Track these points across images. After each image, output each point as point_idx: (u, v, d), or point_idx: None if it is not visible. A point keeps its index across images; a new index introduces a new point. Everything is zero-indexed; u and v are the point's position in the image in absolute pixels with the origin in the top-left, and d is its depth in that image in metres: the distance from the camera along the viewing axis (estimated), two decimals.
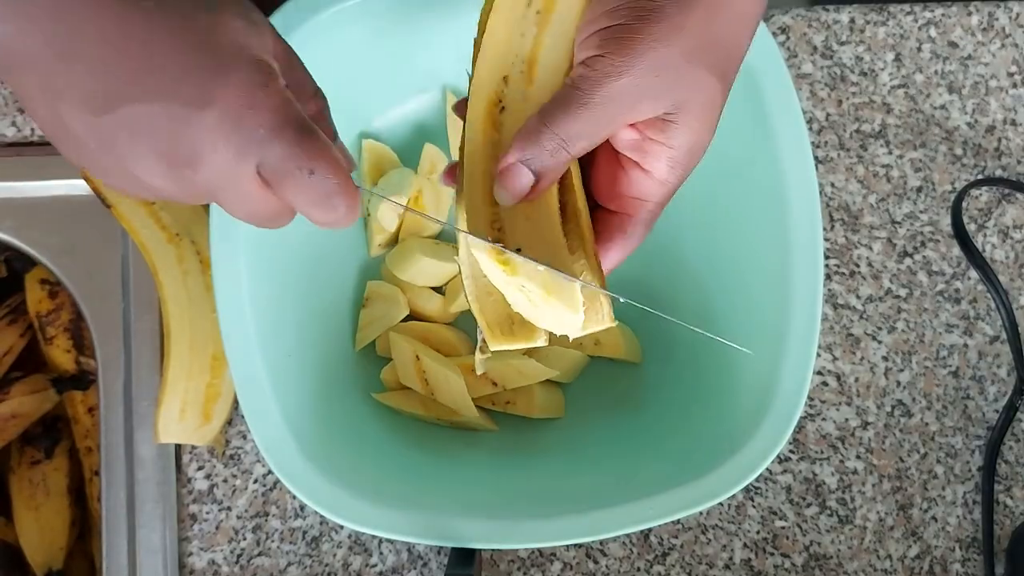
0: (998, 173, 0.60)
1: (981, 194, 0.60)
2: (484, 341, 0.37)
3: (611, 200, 0.37)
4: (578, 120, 0.33)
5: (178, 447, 0.55)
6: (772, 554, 0.56)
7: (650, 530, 0.56)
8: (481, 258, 0.35)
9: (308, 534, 0.55)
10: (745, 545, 0.56)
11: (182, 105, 0.29)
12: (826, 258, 0.58)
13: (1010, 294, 0.58)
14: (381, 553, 0.55)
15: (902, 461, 0.57)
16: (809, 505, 0.56)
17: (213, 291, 0.47)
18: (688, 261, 0.55)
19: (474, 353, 0.47)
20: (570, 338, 0.36)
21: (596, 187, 0.37)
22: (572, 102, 0.33)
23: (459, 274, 0.37)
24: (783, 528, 0.56)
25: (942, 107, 0.60)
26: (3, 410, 0.59)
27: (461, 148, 0.37)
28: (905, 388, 0.58)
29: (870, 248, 0.59)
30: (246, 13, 0.31)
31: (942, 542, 0.56)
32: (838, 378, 0.58)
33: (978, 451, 0.57)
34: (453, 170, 0.39)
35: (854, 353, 0.58)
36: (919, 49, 0.61)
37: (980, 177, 0.60)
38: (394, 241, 0.55)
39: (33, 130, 0.58)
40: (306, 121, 0.31)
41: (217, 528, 0.55)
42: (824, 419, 0.57)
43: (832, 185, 0.59)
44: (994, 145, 0.60)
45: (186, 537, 0.55)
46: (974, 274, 0.59)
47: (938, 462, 0.57)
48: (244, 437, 0.56)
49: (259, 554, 0.55)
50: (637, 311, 0.57)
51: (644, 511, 0.46)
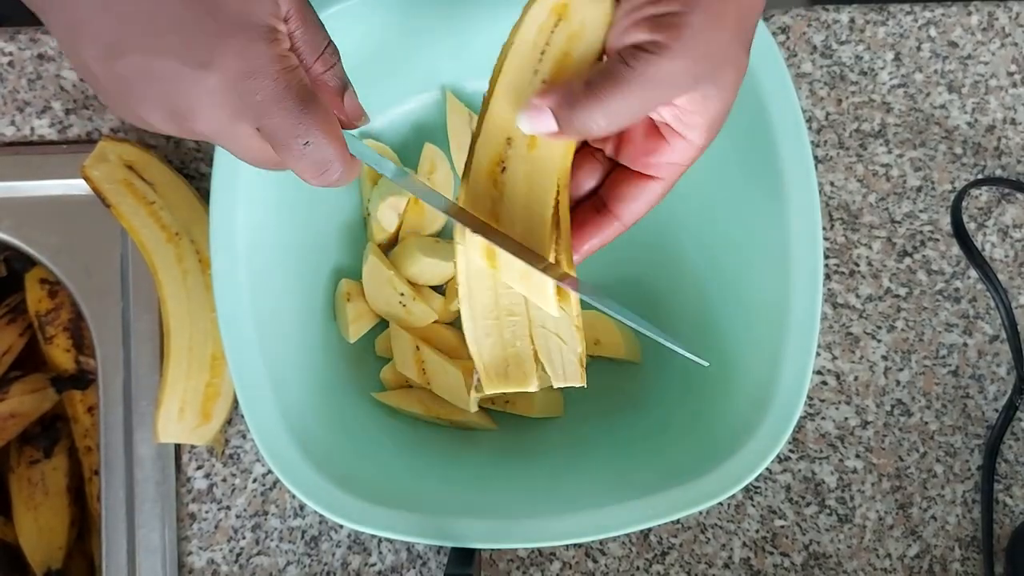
0: (998, 172, 0.60)
1: (981, 193, 0.60)
2: (479, 381, 0.38)
3: (643, 164, 0.38)
4: (625, 97, 0.34)
5: (177, 447, 0.55)
6: (771, 553, 0.56)
7: (649, 529, 0.56)
8: (472, 251, 0.37)
9: (307, 533, 0.55)
10: (744, 544, 0.56)
11: (185, 66, 0.31)
12: (826, 257, 0.58)
13: (1009, 293, 0.58)
14: (380, 552, 0.55)
15: (901, 460, 0.57)
16: (808, 504, 0.56)
17: (212, 290, 0.47)
18: (688, 260, 0.55)
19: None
20: (553, 384, 0.39)
21: (627, 152, 0.38)
22: (622, 78, 0.33)
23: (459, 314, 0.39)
24: (782, 527, 0.56)
25: (942, 106, 0.60)
26: (2, 409, 0.59)
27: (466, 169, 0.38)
28: (904, 387, 0.58)
29: (870, 247, 0.59)
30: None
31: (941, 541, 0.56)
32: (837, 377, 0.58)
33: (977, 450, 0.57)
34: None
35: (853, 352, 0.58)
36: (919, 48, 0.61)
37: (980, 176, 0.60)
38: (394, 241, 0.55)
39: (33, 129, 0.58)
40: (306, 90, 0.32)
41: (216, 527, 0.55)
42: (823, 418, 0.57)
43: (832, 184, 0.59)
44: (994, 144, 0.60)
45: (185, 536, 0.55)
46: (974, 273, 0.59)
47: (937, 461, 0.57)
48: (244, 436, 0.56)
49: (258, 553, 0.55)
50: (637, 309, 0.56)
51: (643, 511, 0.46)
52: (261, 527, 0.55)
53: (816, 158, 0.59)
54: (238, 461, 0.55)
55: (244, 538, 0.55)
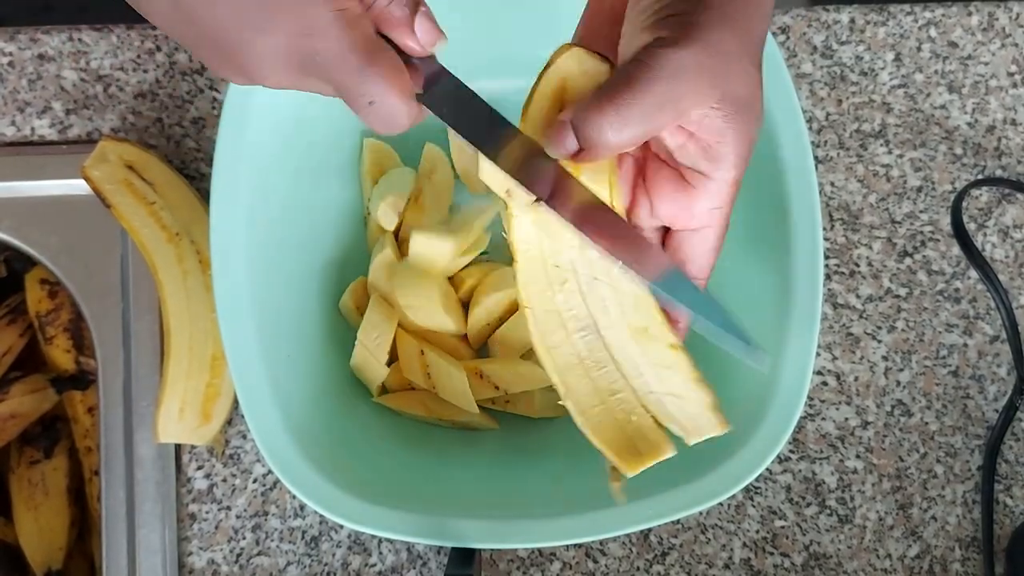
0: (998, 173, 0.60)
1: (981, 194, 0.60)
2: (614, 469, 0.37)
3: (685, 220, 0.37)
4: (640, 97, 0.32)
5: (178, 447, 0.55)
6: (772, 553, 0.56)
7: (650, 529, 0.56)
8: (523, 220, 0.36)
9: (307, 533, 0.55)
10: (745, 545, 0.56)
11: (246, 28, 0.31)
12: (826, 257, 0.58)
13: (1010, 293, 0.58)
14: (380, 553, 0.55)
15: (902, 460, 0.57)
16: (809, 505, 0.56)
17: (213, 291, 0.47)
18: None
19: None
20: (688, 442, 0.37)
21: (665, 211, 0.37)
22: (634, 77, 0.32)
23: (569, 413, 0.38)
24: (783, 528, 0.56)
25: (942, 107, 0.60)
26: (2, 410, 0.59)
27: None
28: (905, 387, 0.58)
29: (870, 247, 0.59)
30: None
31: (942, 541, 0.56)
32: (838, 377, 0.58)
33: (978, 450, 0.57)
34: None
35: (854, 352, 0.58)
36: (919, 49, 0.61)
37: (980, 177, 0.60)
38: (394, 240, 0.55)
39: (33, 130, 0.58)
40: (369, 45, 0.32)
41: (217, 528, 0.55)
42: (824, 418, 0.57)
43: (832, 184, 0.59)
44: (994, 145, 0.60)
45: (186, 537, 0.55)
46: (974, 274, 0.59)
47: (938, 461, 0.57)
48: (244, 437, 0.56)
49: (258, 553, 0.55)
50: None
51: (644, 511, 0.46)
52: (261, 527, 0.55)
53: (816, 158, 0.59)
54: (238, 461, 0.55)
55: (244, 538, 0.55)
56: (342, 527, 0.55)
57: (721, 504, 0.56)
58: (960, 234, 0.56)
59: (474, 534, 0.46)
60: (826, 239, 0.59)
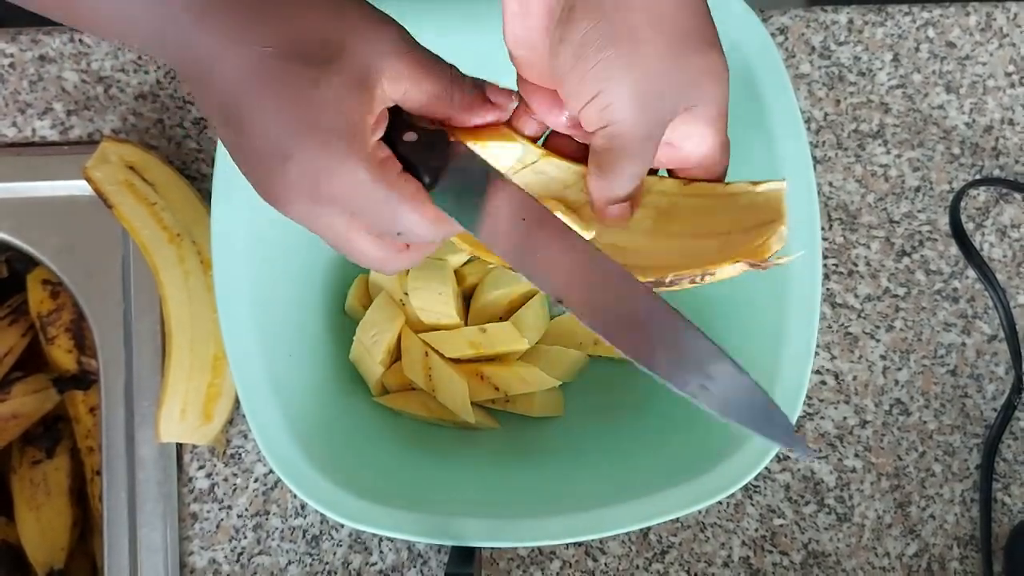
0: (996, 173, 0.60)
1: (979, 194, 0.60)
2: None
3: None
4: (625, 150, 0.34)
5: (179, 446, 0.55)
6: (771, 552, 0.56)
7: (649, 528, 0.56)
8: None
9: (308, 533, 0.55)
10: (744, 543, 0.56)
11: (267, 155, 0.32)
12: (824, 257, 0.59)
13: (1008, 293, 0.58)
14: (381, 552, 0.55)
15: (900, 459, 0.57)
16: (807, 503, 0.57)
17: (214, 291, 0.47)
18: None
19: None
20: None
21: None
22: (607, 158, 0.35)
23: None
24: (781, 526, 0.56)
25: (940, 107, 0.61)
26: (4, 410, 0.59)
27: None
28: (903, 387, 0.58)
29: (868, 247, 0.59)
30: (360, 64, 0.32)
31: (940, 540, 0.57)
32: (836, 377, 0.58)
33: (976, 449, 0.58)
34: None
35: (852, 352, 0.58)
36: (917, 49, 0.61)
37: (978, 177, 0.60)
38: None
39: (34, 131, 0.58)
40: (389, 186, 0.32)
41: (218, 527, 0.55)
42: (823, 418, 0.57)
43: (830, 184, 0.60)
44: (992, 145, 0.61)
45: (187, 536, 0.55)
46: (972, 273, 0.59)
47: (936, 460, 0.57)
48: (245, 436, 0.56)
49: (260, 553, 0.55)
50: None
51: (643, 510, 0.46)
52: (262, 527, 0.55)
53: (815, 158, 0.59)
54: (239, 461, 0.56)
55: (246, 538, 0.55)
56: (343, 526, 0.55)
57: (720, 503, 0.56)
58: (958, 234, 0.56)
59: (474, 533, 0.46)
60: (824, 239, 0.59)
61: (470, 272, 0.54)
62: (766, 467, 0.55)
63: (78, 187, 0.56)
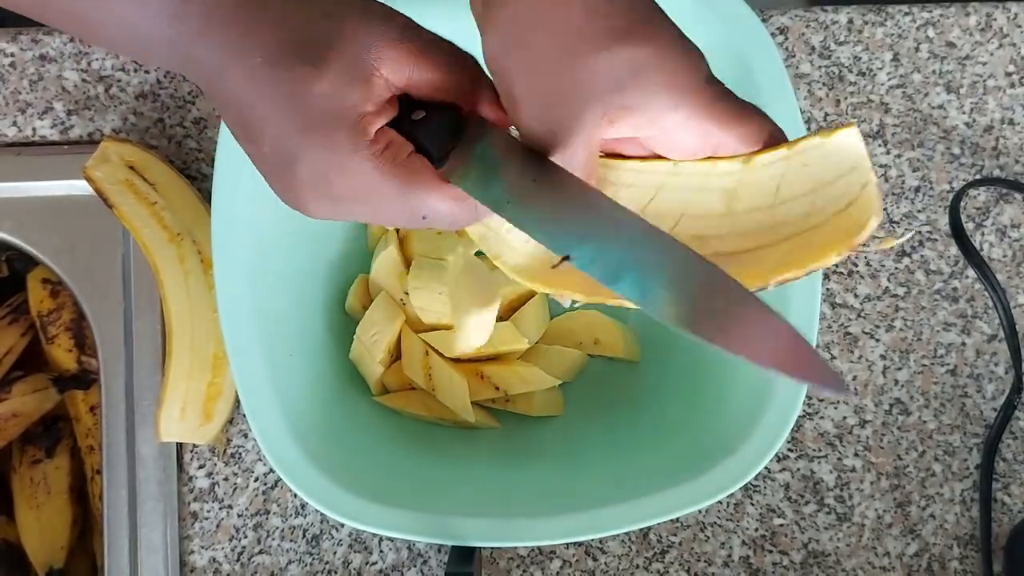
0: (996, 173, 0.60)
1: (979, 193, 0.60)
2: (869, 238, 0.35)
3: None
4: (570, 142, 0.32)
5: (179, 446, 0.55)
6: (770, 551, 0.56)
7: (649, 528, 0.56)
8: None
9: (309, 532, 0.55)
10: (744, 543, 0.56)
11: (279, 162, 0.32)
12: None
13: (1007, 293, 0.58)
14: (381, 551, 0.55)
15: (900, 459, 0.57)
16: (807, 503, 0.57)
17: (214, 291, 0.47)
18: None
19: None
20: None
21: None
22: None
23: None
24: (781, 526, 0.56)
25: (940, 107, 0.61)
26: (4, 409, 0.59)
27: None
28: (903, 386, 0.58)
29: (868, 247, 0.59)
30: (350, 57, 0.31)
31: (940, 540, 0.57)
32: None
33: (976, 449, 0.58)
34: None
35: (852, 352, 0.58)
36: (917, 49, 0.61)
37: (978, 177, 0.60)
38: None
39: (35, 130, 0.58)
40: (401, 170, 0.32)
41: (218, 526, 0.55)
42: (822, 417, 0.57)
43: None
44: (992, 144, 0.61)
45: (187, 535, 0.55)
46: (972, 273, 0.59)
47: (936, 460, 0.57)
48: (245, 436, 0.56)
49: (260, 552, 0.55)
50: (636, 309, 0.57)
51: (643, 509, 0.46)
52: (263, 526, 0.55)
53: None
54: (240, 460, 0.56)
55: (246, 537, 0.55)
56: (343, 526, 0.55)
57: (720, 502, 0.56)
58: (958, 234, 0.56)
59: (474, 532, 0.46)
60: None
61: None
62: (766, 467, 0.55)
63: (78, 187, 0.56)
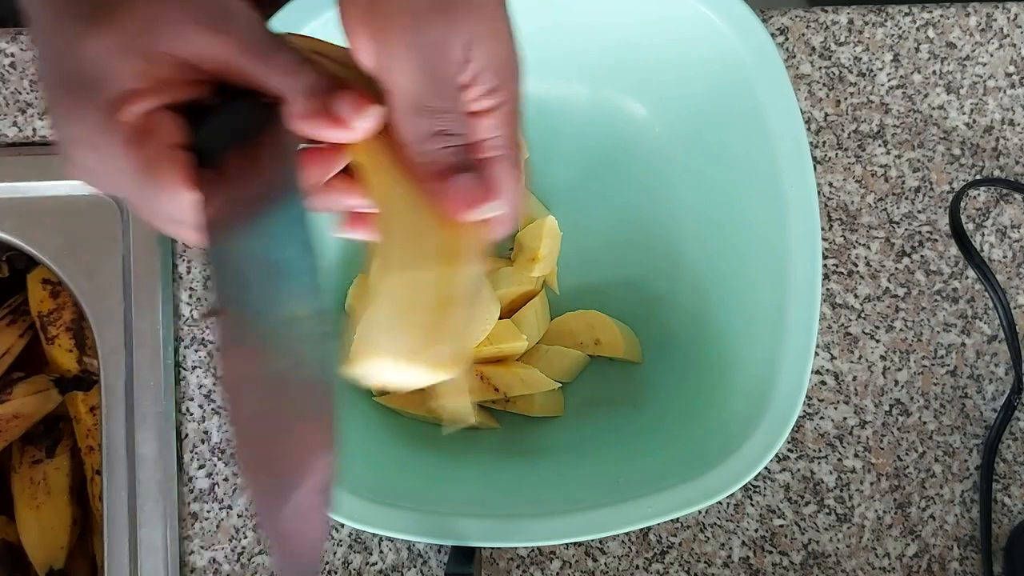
0: (996, 173, 0.60)
1: (979, 194, 0.60)
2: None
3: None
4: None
5: (179, 446, 0.55)
6: (770, 552, 0.56)
7: (649, 528, 0.56)
8: None
9: None
10: (744, 543, 0.56)
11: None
12: (824, 258, 0.59)
13: (1008, 293, 0.58)
14: (381, 551, 0.55)
15: (900, 460, 0.57)
16: (807, 503, 0.57)
17: None
18: (687, 261, 0.55)
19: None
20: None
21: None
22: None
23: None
24: (781, 526, 0.56)
25: (940, 107, 0.61)
26: (6, 410, 0.59)
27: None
28: (903, 387, 0.58)
29: (868, 248, 0.59)
30: (127, 20, 0.28)
31: (940, 541, 0.57)
32: (836, 377, 0.58)
33: (976, 450, 0.58)
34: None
35: (852, 352, 0.58)
36: (917, 49, 0.61)
37: (978, 177, 0.60)
38: None
39: (35, 130, 0.58)
40: (144, 167, 0.28)
41: (218, 527, 0.55)
42: (822, 418, 0.57)
43: (830, 185, 0.60)
44: (992, 145, 0.61)
45: (187, 536, 0.55)
46: (972, 273, 0.59)
47: (936, 461, 0.57)
48: None
49: (260, 552, 0.55)
50: (637, 310, 0.57)
51: (643, 510, 0.46)
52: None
53: (815, 159, 0.60)
54: None
55: (246, 537, 0.55)
56: (343, 526, 0.55)
57: (720, 503, 0.56)
58: (958, 234, 0.56)
59: (474, 533, 0.46)
60: (825, 239, 0.59)
61: None
62: (766, 467, 0.55)
63: (78, 187, 0.56)
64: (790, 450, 0.57)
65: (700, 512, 0.56)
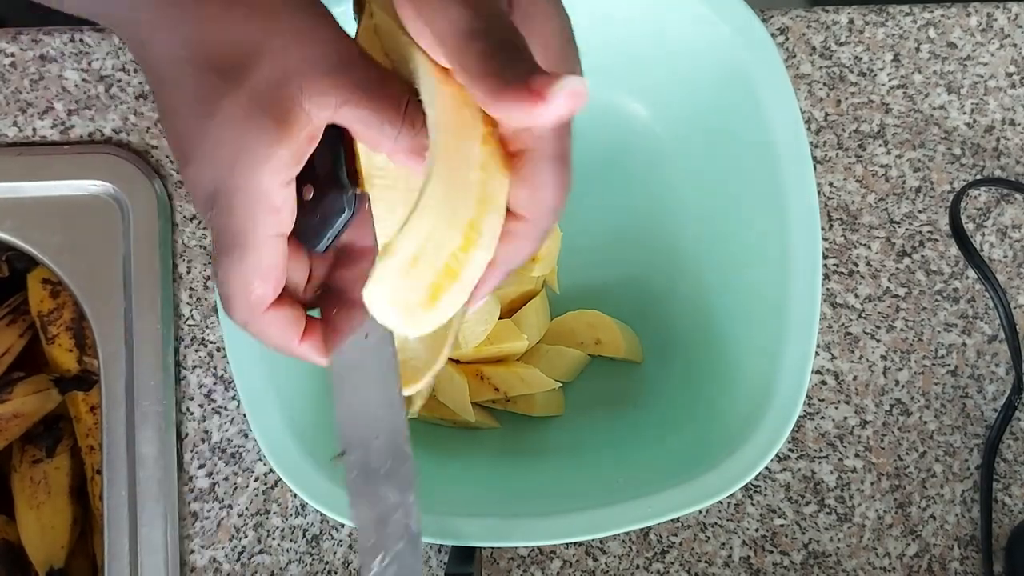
0: (996, 173, 0.60)
1: (979, 194, 0.60)
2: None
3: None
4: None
5: (180, 445, 0.55)
6: (771, 552, 0.56)
7: (649, 528, 0.56)
8: None
9: (309, 532, 0.55)
10: (744, 543, 0.56)
11: (175, 147, 0.31)
12: (825, 257, 0.59)
13: (1008, 293, 0.58)
14: None
15: (901, 459, 0.57)
16: (808, 503, 0.57)
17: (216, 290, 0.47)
18: (687, 261, 0.55)
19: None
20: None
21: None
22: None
23: None
24: (782, 526, 0.56)
25: (941, 107, 0.61)
26: (6, 410, 0.59)
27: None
28: (904, 387, 0.58)
29: (869, 247, 0.59)
30: (265, 78, 0.27)
31: (941, 540, 0.57)
32: (837, 377, 0.58)
33: (976, 450, 0.58)
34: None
35: (853, 352, 0.58)
36: (918, 49, 0.61)
37: (979, 177, 0.60)
38: None
39: (35, 130, 0.58)
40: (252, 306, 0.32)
41: (218, 526, 0.55)
42: (823, 417, 0.57)
43: (831, 185, 0.60)
44: (992, 145, 0.61)
45: (187, 535, 0.55)
46: (972, 273, 0.59)
47: (937, 460, 0.57)
48: (245, 436, 0.56)
49: (260, 552, 0.55)
50: (637, 309, 0.57)
51: (644, 509, 0.46)
52: (263, 526, 0.55)
53: (815, 159, 0.59)
54: (240, 460, 0.56)
55: (246, 537, 0.55)
56: (343, 525, 0.55)
57: (720, 502, 0.56)
58: (958, 234, 0.56)
59: (474, 532, 0.46)
60: (825, 239, 0.59)
61: None
62: (766, 467, 0.55)
63: (78, 187, 0.56)
64: (791, 450, 0.57)
65: (701, 512, 0.56)
